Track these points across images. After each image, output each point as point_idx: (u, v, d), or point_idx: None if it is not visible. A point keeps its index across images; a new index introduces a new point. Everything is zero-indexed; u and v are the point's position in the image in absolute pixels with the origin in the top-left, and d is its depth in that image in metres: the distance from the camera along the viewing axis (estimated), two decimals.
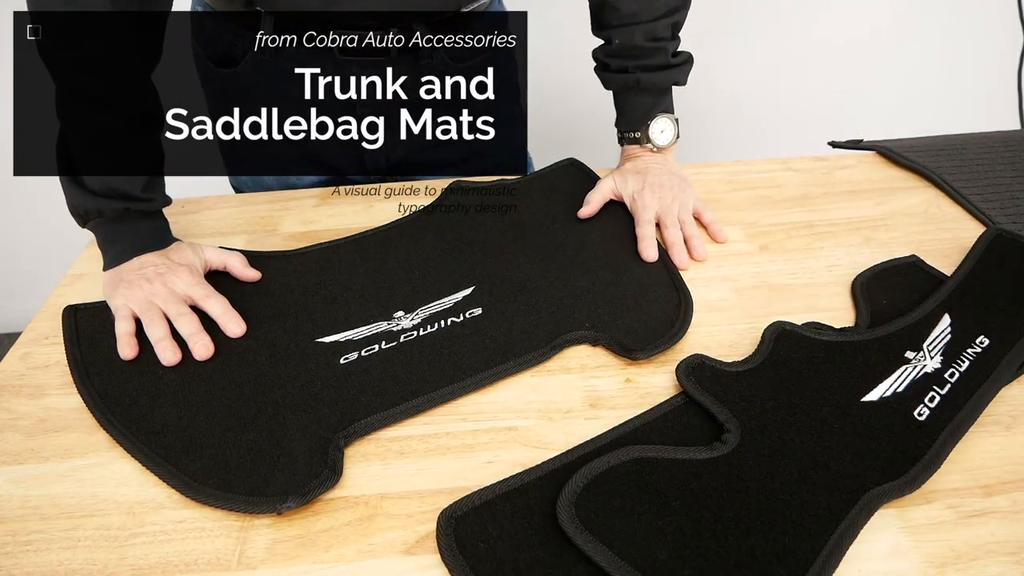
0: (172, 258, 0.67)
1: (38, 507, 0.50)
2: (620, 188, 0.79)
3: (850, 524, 0.45)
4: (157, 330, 0.61)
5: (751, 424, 0.52)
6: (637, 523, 0.45)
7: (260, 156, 0.89)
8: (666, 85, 0.81)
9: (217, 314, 0.63)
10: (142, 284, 0.64)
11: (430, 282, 0.68)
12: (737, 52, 1.62)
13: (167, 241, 0.70)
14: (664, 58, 0.80)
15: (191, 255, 0.68)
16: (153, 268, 0.65)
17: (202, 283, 0.65)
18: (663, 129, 0.82)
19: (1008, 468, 0.51)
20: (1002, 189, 0.80)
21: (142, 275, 0.65)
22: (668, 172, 0.79)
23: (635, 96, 0.81)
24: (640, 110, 0.82)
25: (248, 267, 0.69)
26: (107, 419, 0.55)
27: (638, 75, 0.80)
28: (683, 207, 0.76)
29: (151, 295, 0.63)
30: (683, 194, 0.77)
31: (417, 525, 0.48)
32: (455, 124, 0.86)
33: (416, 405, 0.55)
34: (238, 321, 0.63)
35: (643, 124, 0.81)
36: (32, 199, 1.69)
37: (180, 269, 0.66)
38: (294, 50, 0.78)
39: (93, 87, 0.64)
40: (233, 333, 0.62)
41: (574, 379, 0.59)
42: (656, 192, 0.76)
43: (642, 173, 0.79)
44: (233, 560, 0.46)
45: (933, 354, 0.58)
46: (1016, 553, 0.45)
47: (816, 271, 0.70)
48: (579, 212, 0.77)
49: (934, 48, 1.66)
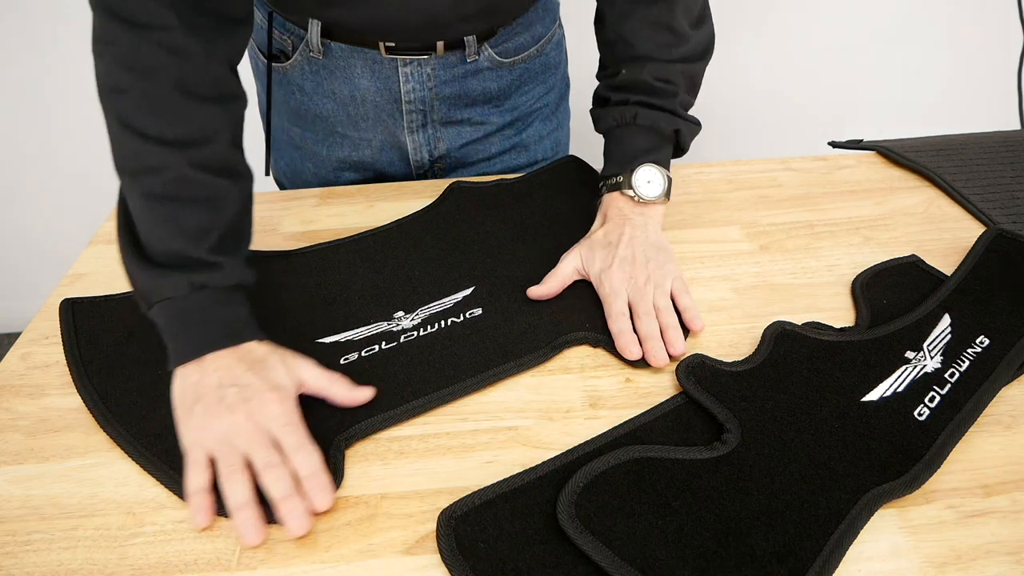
0: (260, 376, 0.52)
1: (38, 507, 0.50)
2: (586, 265, 0.66)
3: (850, 524, 0.45)
4: (238, 493, 0.47)
5: (751, 424, 0.52)
6: (637, 523, 0.45)
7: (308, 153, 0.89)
8: (667, 131, 0.70)
9: (303, 475, 0.48)
10: (221, 413, 0.50)
11: (430, 282, 0.68)
12: (737, 52, 1.62)
13: (250, 335, 0.55)
14: (670, 102, 0.70)
15: (283, 375, 0.53)
16: (237, 390, 0.51)
17: (293, 423, 0.51)
18: (650, 180, 0.69)
19: (1008, 468, 0.51)
20: (1002, 189, 0.80)
21: (221, 398, 0.50)
22: (644, 242, 0.66)
23: (628, 134, 0.71)
24: (629, 150, 0.70)
25: (357, 388, 0.55)
26: (107, 421, 0.55)
27: (636, 109, 0.70)
28: (658, 289, 0.63)
29: (232, 433, 0.49)
30: (659, 271, 0.64)
31: (417, 525, 0.48)
32: (497, 117, 0.86)
33: (416, 406, 0.55)
34: (325, 491, 0.48)
35: (629, 168, 0.69)
36: (32, 200, 1.70)
37: (269, 397, 0.51)
38: (340, 47, 0.78)
39: (156, 129, 0.54)
40: (318, 506, 0.48)
41: (574, 379, 0.59)
42: (627, 270, 0.64)
43: (612, 245, 0.66)
44: (233, 560, 0.46)
45: (933, 354, 0.58)
46: (1016, 553, 0.45)
47: (816, 271, 0.70)
48: (529, 292, 0.65)
49: (934, 48, 1.66)
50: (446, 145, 0.87)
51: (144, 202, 0.54)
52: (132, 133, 0.54)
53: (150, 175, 0.54)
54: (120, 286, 0.69)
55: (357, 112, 0.83)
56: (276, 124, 0.90)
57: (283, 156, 0.92)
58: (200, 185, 0.55)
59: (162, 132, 0.54)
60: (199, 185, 0.55)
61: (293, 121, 0.87)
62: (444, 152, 0.88)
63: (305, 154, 0.89)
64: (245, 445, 0.49)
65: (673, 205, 0.80)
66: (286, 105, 0.86)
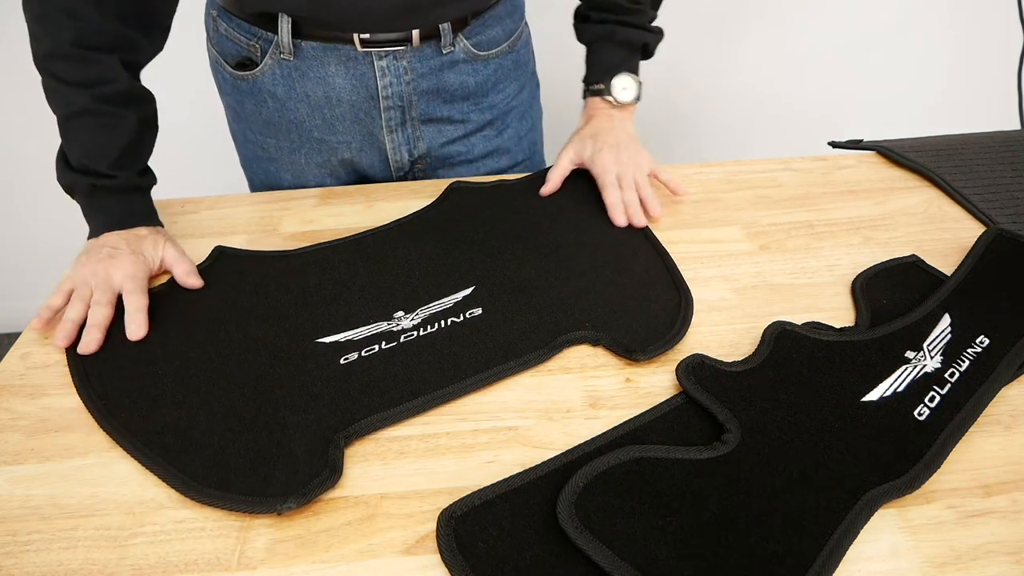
0: (131, 245, 0.69)
1: (38, 507, 0.50)
2: (579, 154, 0.82)
3: (850, 524, 0.45)
4: (71, 310, 0.64)
5: (751, 424, 0.52)
6: (637, 523, 0.45)
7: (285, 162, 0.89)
8: (638, 44, 0.84)
9: (128, 310, 0.64)
10: (92, 263, 0.67)
11: (430, 282, 0.68)
12: (737, 52, 1.62)
13: (140, 221, 0.72)
14: (641, 19, 0.84)
15: (149, 246, 0.70)
16: (109, 249, 0.68)
17: (137, 276, 0.66)
18: (626, 86, 0.84)
19: (1008, 468, 0.51)
20: (1002, 189, 0.80)
21: (99, 254, 0.67)
22: (623, 133, 0.82)
23: (607, 49, 0.84)
24: (608, 63, 0.84)
25: (191, 275, 0.69)
26: (107, 420, 0.55)
27: (614, 27, 0.83)
28: (638, 168, 0.79)
29: (91, 275, 0.66)
30: (638, 155, 0.80)
31: (417, 525, 0.48)
32: (476, 115, 0.87)
33: (416, 405, 0.55)
34: (139, 325, 0.63)
35: (608, 77, 0.84)
36: (32, 199, 1.70)
37: (128, 258, 0.67)
38: (313, 46, 0.78)
39: (67, 73, 0.67)
40: (129, 333, 0.63)
41: (574, 379, 0.59)
42: (612, 153, 0.80)
43: (597, 135, 0.82)
44: (233, 560, 0.46)
45: (933, 354, 0.58)
46: (1016, 553, 0.45)
47: (816, 271, 0.70)
48: (541, 190, 0.81)
49: (934, 48, 1.66)
50: (426, 144, 0.87)
51: (61, 125, 0.70)
52: (48, 75, 0.68)
53: (63, 107, 0.69)
54: None
55: (333, 114, 0.82)
56: (247, 139, 0.89)
57: (257, 172, 0.91)
58: (100, 115, 0.69)
59: (67, 75, 0.67)
60: (100, 115, 0.69)
61: (266, 133, 0.86)
62: (424, 152, 0.88)
63: (281, 165, 0.88)
64: (93, 285, 0.65)
65: (673, 205, 0.81)
66: (257, 116, 0.84)
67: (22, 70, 1.48)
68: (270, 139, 0.86)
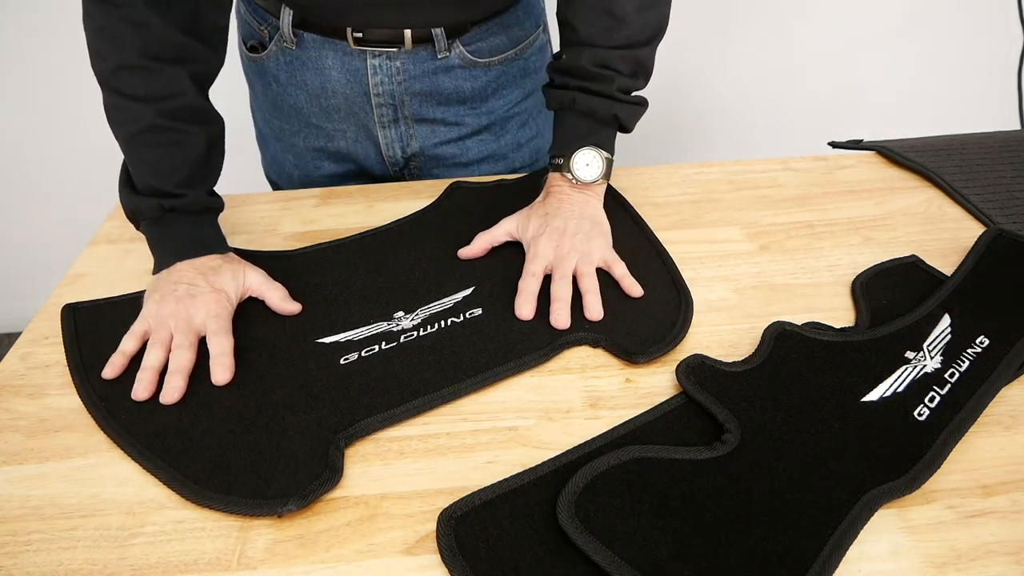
0: (209, 281, 0.64)
1: (38, 507, 0.50)
2: (520, 230, 0.72)
3: (850, 524, 0.45)
4: (150, 357, 0.59)
5: (751, 424, 0.52)
6: (637, 523, 0.45)
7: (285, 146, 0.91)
8: (605, 115, 0.72)
9: (213, 353, 0.60)
10: (169, 303, 0.62)
11: (430, 282, 0.68)
12: (737, 52, 1.62)
13: (210, 249, 0.67)
14: (608, 87, 0.71)
15: (229, 280, 0.65)
16: (187, 287, 0.63)
17: (221, 316, 0.62)
18: (589, 163, 0.72)
19: (1008, 468, 0.51)
20: (1002, 189, 0.80)
21: (173, 292, 0.63)
22: (579, 216, 0.70)
23: (569, 119, 0.73)
24: (570, 135, 0.73)
25: (288, 300, 0.66)
26: (107, 422, 0.55)
27: (575, 94, 0.72)
28: (583, 257, 0.67)
29: (170, 316, 0.61)
30: (587, 243, 0.68)
31: (417, 525, 0.48)
32: (472, 119, 0.86)
33: (416, 405, 0.55)
34: (226, 369, 0.59)
35: (570, 152, 0.72)
36: (33, 200, 1.70)
37: (210, 296, 0.63)
38: (312, 37, 0.79)
39: (134, 87, 0.64)
40: (215, 379, 0.58)
41: (574, 379, 0.59)
42: (553, 239, 0.68)
43: (548, 216, 0.70)
44: (233, 560, 0.46)
45: (933, 354, 0.58)
46: (1016, 553, 0.45)
47: (816, 271, 0.70)
48: (459, 252, 0.72)
49: (934, 48, 1.66)
50: (419, 143, 0.87)
51: (126, 146, 0.66)
52: (110, 91, 0.65)
53: (128, 124, 0.65)
54: (120, 287, 0.70)
55: (329, 104, 0.84)
56: (262, 116, 0.92)
57: (268, 149, 0.94)
58: (167, 132, 0.65)
59: (134, 90, 0.64)
60: (166, 132, 0.65)
61: (272, 113, 0.88)
62: (417, 150, 0.88)
63: (285, 146, 0.90)
64: (173, 327, 0.61)
65: (673, 205, 0.80)
66: (265, 96, 0.87)
67: (22, 70, 1.49)
68: (275, 119, 0.89)
